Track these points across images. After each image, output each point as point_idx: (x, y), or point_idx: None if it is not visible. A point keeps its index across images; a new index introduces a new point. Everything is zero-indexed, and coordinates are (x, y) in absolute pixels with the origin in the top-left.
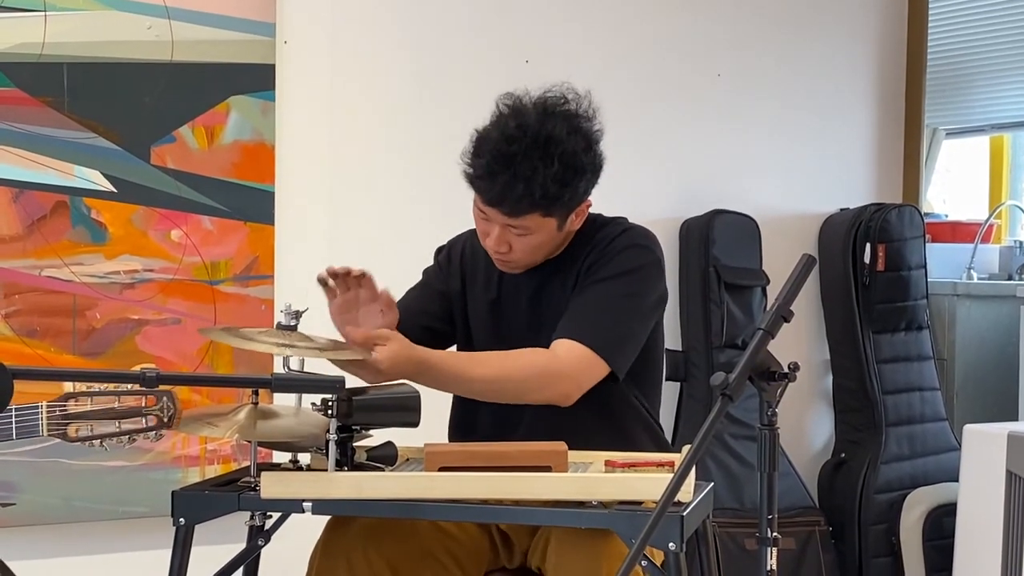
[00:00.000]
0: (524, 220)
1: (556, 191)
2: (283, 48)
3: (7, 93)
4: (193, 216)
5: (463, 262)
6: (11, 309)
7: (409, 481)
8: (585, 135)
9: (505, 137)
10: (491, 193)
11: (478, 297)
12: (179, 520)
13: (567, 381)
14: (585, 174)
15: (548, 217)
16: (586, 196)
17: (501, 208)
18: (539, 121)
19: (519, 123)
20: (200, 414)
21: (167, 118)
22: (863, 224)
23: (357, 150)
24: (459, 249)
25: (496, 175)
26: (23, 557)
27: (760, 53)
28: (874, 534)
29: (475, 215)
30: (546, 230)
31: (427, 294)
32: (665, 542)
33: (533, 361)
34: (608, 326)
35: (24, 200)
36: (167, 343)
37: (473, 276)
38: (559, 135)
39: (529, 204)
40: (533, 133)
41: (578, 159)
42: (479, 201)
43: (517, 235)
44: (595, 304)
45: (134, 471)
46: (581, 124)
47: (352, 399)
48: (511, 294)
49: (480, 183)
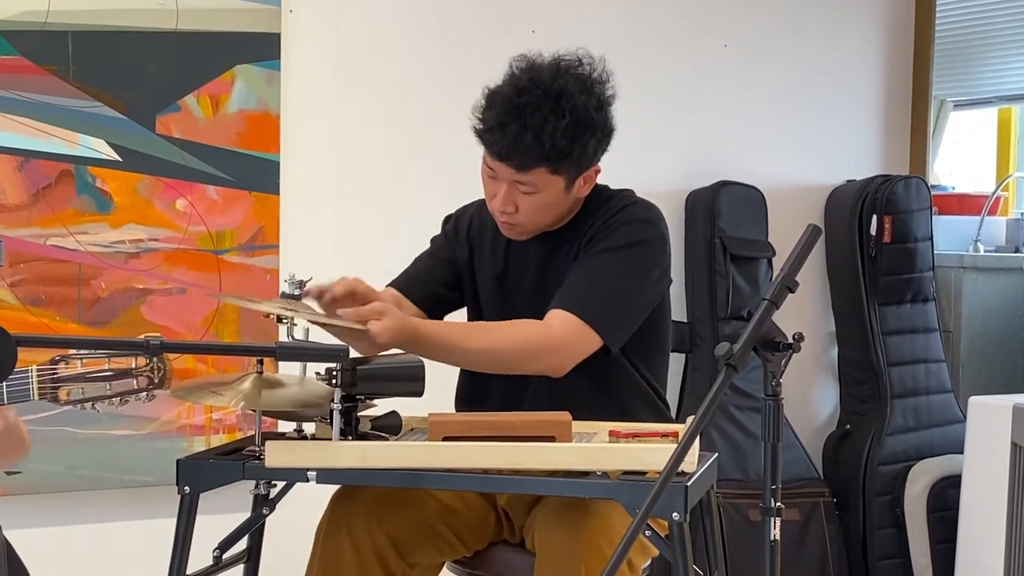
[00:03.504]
0: (532, 175)
1: (565, 145)
2: (289, 17)
3: (11, 61)
4: (198, 185)
5: (470, 233)
6: (16, 278)
7: (413, 450)
8: (598, 96)
9: (517, 90)
10: (500, 145)
11: (485, 268)
12: (184, 489)
13: (558, 353)
14: (595, 133)
15: (555, 175)
16: (595, 160)
17: (510, 161)
18: (552, 77)
19: (532, 77)
20: (205, 383)
21: (172, 87)
22: (870, 196)
23: (362, 119)
24: (467, 219)
25: (506, 126)
26: (28, 526)
27: (767, 23)
28: (878, 505)
29: (483, 176)
30: (553, 190)
31: (435, 262)
32: (669, 512)
33: (526, 332)
34: (604, 299)
35: (29, 169)
36: (172, 312)
37: (480, 247)
38: (571, 90)
39: (538, 156)
40: (545, 87)
41: (589, 115)
42: (488, 157)
43: (524, 193)
44: (592, 276)
45: (139, 440)
46: (594, 85)
47: (356, 369)
48: (518, 265)
49: (490, 135)
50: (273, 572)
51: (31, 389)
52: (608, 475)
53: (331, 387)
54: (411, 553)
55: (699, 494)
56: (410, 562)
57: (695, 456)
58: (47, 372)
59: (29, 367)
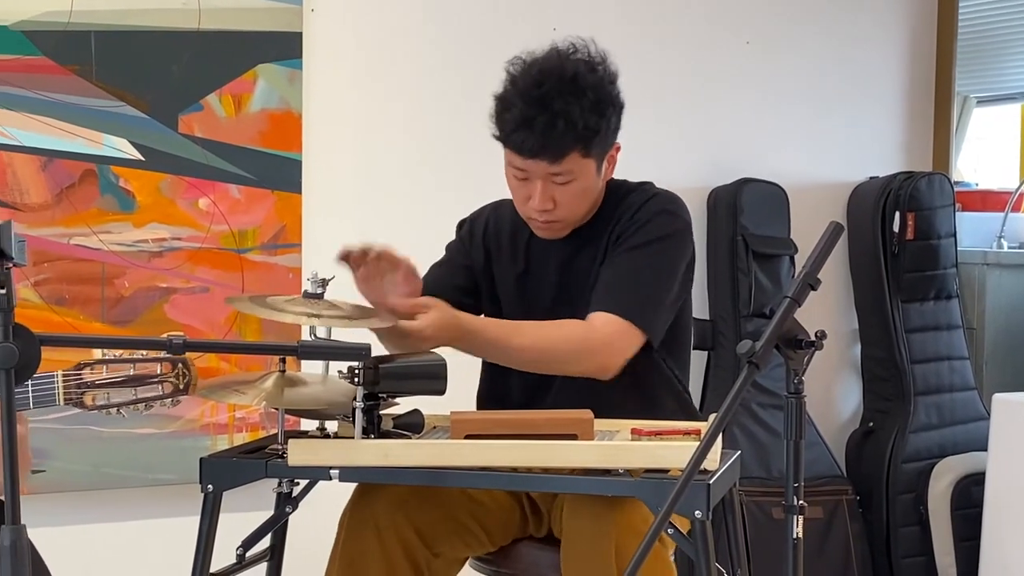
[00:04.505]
0: (566, 163)
1: (595, 122)
2: (310, 16)
3: (35, 61)
4: (221, 184)
5: (486, 236)
6: (40, 277)
7: (435, 449)
8: (606, 70)
9: (534, 83)
10: (532, 141)
11: (505, 269)
12: (207, 487)
13: (604, 354)
14: (616, 106)
15: (587, 158)
16: (615, 136)
17: (544, 155)
18: (560, 63)
19: (540, 69)
20: (228, 382)
21: (194, 86)
22: (892, 192)
23: (384, 118)
24: (482, 223)
25: (533, 120)
26: (53, 524)
27: (789, 20)
28: (902, 503)
29: (511, 181)
30: (587, 174)
31: (452, 269)
32: (691, 510)
33: (572, 333)
34: (642, 295)
35: (53, 169)
36: (195, 311)
37: (498, 249)
38: (583, 71)
39: (572, 140)
40: (559, 73)
41: (606, 91)
42: (517, 160)
43: (560, 184)
44: (627, 274)
45: (163, 438)
46: (597, 64)
47: (379, 367)
48: (540, 263)
49: (518, 136)
50: (296, 570)
51: (57, 394)
52: (631, 473)
53: (353, 385)
54: (436, 543)
55: (721, 492)
56: (435, 552)
57: (717, 454)
58: (73, 377)
59: (55, 372)
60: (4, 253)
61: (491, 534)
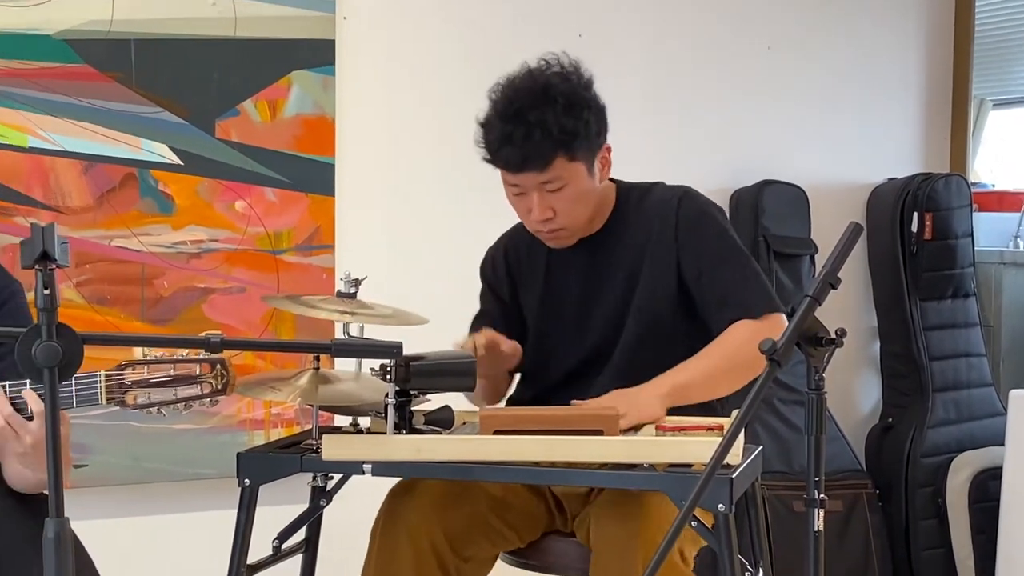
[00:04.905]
0: (553, 169)
1: (571, 125)
2: (342, 24)
3: (77, 69)
4: (256, 188)
5: (508, 265)
6: (82, 278)
7: (465, 444)
8: (579, 77)
9: (508, 101)
10: (515, 154)
11: (529, 291)
12: (244, 481)
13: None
14: (590, 107)
15: (574, 161)
16: (601, 137)
17: (529, 166)
18: (532, 79)
19: (514, 87)
20: (264, 379)
21: (231, 93)
22: (911, 193)
23: (414, 123)
24: (501, 254)
25: (511, 135)
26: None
27: (809, 25)
28: (921, 497)
29: (511, 199)
30: (578, 178)
31: (492, 312)
32: (715, 504)
33: (743, 340)
34: (752, 287)
35: (94, 173)
36: (232, 311)
37: (519, 274)
38: (554, 81)
39: (550, 146)
40: (529, 86)
41: (578, 94)
42: (509, 177)
43: (554, 191)
44: (733, 280)
45: (201, 434)
46: (572, 72)
47: (410, 365)
48: (561, 276)
49: (502, 152)
50: (330, 562)
51: (99, 393)
52: (655, 467)
53: (385, 382)
54: (465, 547)
55: (744, 486)
56: (464, 556)
57: (740, 449)
58: (115, 377)
59: (98, 372)
60: (48, 255)
61: (518, 531)
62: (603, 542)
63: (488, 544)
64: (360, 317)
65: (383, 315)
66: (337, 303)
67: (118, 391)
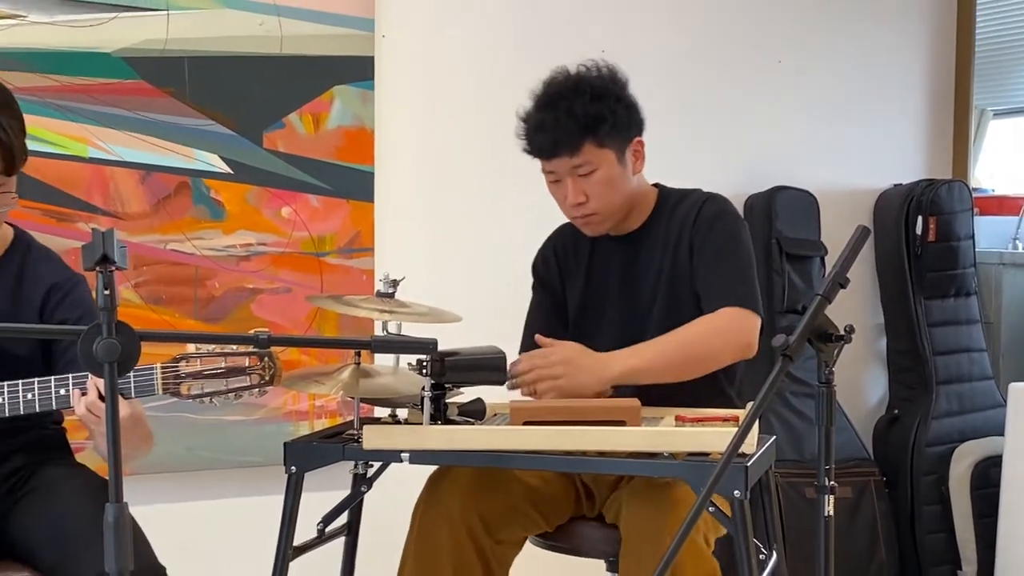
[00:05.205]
0: (583, 153)
1: (596, 110)
2: (381, 41)
3: (135, 85)
4: (301, 195)
5: (557, 260)
6: (140, 279)
7: (496, 434)
8: (613, 74)
9: (542, 94)
10: (546, 140)
11: (574, 284)
12: (291, 468)
13: (745, 338)
14: (620, 100)
15: (603, 148)
16: (631, 129)
17: (560, 150)
18: (567, 75)
19: (550, 82)
20: (308, 373)
21: (277, 106)
22: (915, 198)
23: (448, 134)
24: (551, 251)
25: (543, 123)
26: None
27: (819, 41)
28: (925, 484)
29: (550, 188)
30: (608, 163)
31: (546, 305)
32: (731, 490)
33: (713, 327)
34: (744, 285)
35: (150, 181)
36: (279, 309)
37: (567, 268)
38: (588, 76)
39: (578, 131)
40: (564, 80)
41: (607, 87)
42: (545, 165)
43: (585, 175)
44: (727, 272)
45: (250, 424)
46: (604, 72)
47: (445, 360)
48: (602, 268)
49: (536, 140)
50: (370, 544)
51: (156, 384)
52: (675, 456)
53: (422, 376)
54: (499, 531)
55: (758, 473)
56: (497, 539)
57: (754, 439)
58: (170, 369)
59: (154, 364)
60: (108, 258)
61: (547, 516)
62: (634, 527)
63: (520, 528)
64: (398, 315)
65: (419, 313)
66: (376, 302)
67: (173, 382)
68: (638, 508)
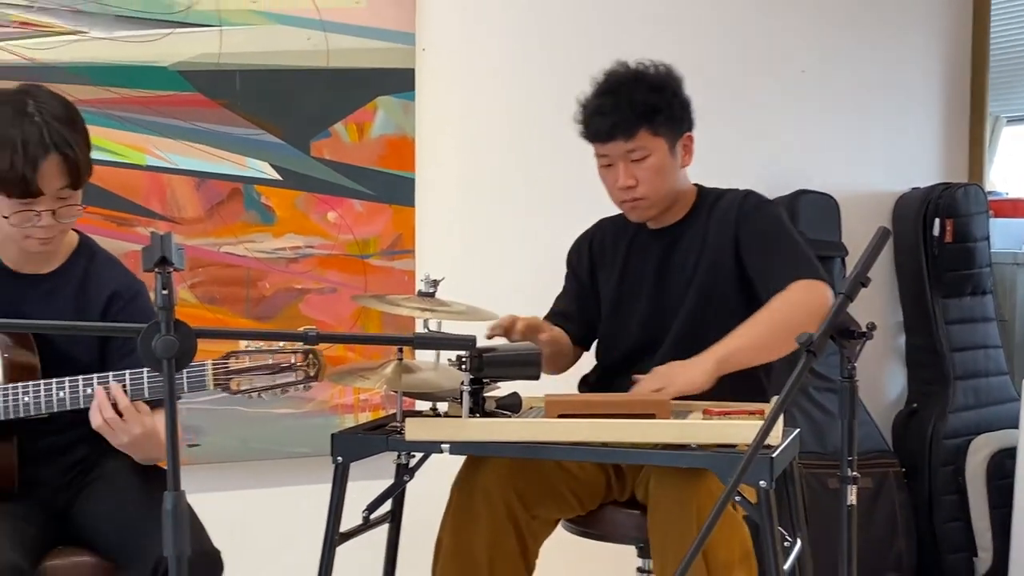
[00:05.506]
0: (638, 139)
1: (654, 100)
2: (421, 54)
3: (190, 97)
4: (346, 200)
5: (592, 249)
6: (195, 280)
7: (532, 426)
8: (668, 72)
9: (603, 81)
10: (604, 124)
11: (608, 273)
12: (337, 458)
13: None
14: (676, 94)
15: (657, 136)
16: (684, 123)
17: (616, 133)
18: (627, 66)
19: (611, 72)
20: (353, 368)
21: (324, 116)
22: (933, 201)
23: (484, 141)
24: (587, 241)
25: (602, 107)
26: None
27: (840, 50)
28: (943, 475)
29: (601, 173)
30: (660, 151)
31: (574, 291)
32: (757, 480)
33: (795, 301)
34: (803, 258)
35: (205, 188)
36: (325, 308)
37: (602, 257)
38: (645, 69)
39: (635, 118)
40: (624, 71)
41: (665, 81)
42: (599, 148)
43: (637, 160)
44: (786, 250)
45: (298, 417)
46: (662, 68)
47: (483, 356)
48: (638, 262)
49: (594, 123)
50: (413, 530)
51: (207, 380)
52: (702, 448)
53: (461, 371)
54: (534, 506)
55: (783, 464)
56: (533, 514)
57: (779, 431)
58: (221, 366)
59: (206, 361)
60: (166, 259)
61: (580, 499)
62: (660, 503)
63: (554, 507)
64: (438, 314)
65: (458, 312)
66: (417, 301)
67: (223, 378)
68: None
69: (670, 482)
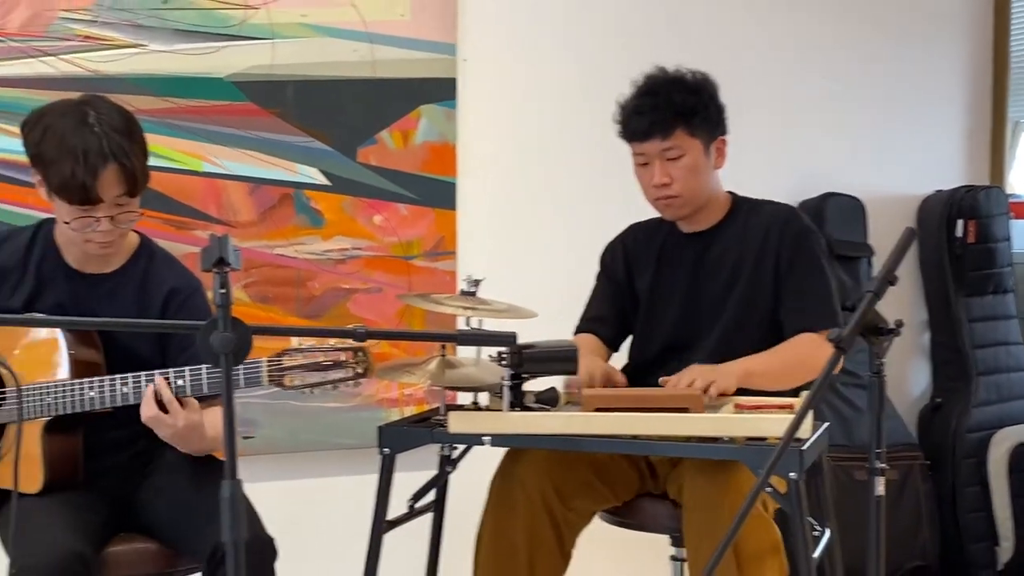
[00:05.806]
0: (674, 138)
1: (691, 102)
2: (463, 65)
3: (244, 107)
4: (391, 204)
5: (626, 251)
6: (249, 281)
7: (570, 420)
8: (704, 78)
9: (643, 82)
10: (642, 122)
11: (642, 275)
12: (384, 450)
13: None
14: (712, 98)
15: (693, 137)
16: (719, 126)
17: (654, 132)
18: (666, 70)
19: (651, 74)
20: (399, 364)
21: (370, 124)
22: (956, 203)
23: (525, 149)
24: (620, 244)
25: (641, 107)
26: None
27: (865, 56)
28: (966, 467)
29: (637, 171)
30: (695, 151)
31: (607, 293)
32: (787, 472)
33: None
34: (826, 305)
35: (258, 193)
36: (372, 307)
37: (636, 259)
38: (684, 74)
39: (672, 117)
40: (664, 75)
41: (702, 85)
42: (636, 147)
43: (673, 159)
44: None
45: (347, 411)
46: (699, 74)
47: (522, 352)
48: (672, 264)
49: (632, 123)
50: (456, 519)
51: (262, 376)
52: (735, 440)
53: (501, 367)
54: (570, 499)
55: (813, 457)
56: (569, 506)
57: (809, 425)
58: (275, 363)
59: (261, 359)
60: (223, 260)
61: (615, 491)
62: (694, 500)
63: (589, 500)
64: (479, 312)
65: (499, 310)
66: (460, 300)
67: (277, 375)
68: (699, 483)
69: (703, 482)
